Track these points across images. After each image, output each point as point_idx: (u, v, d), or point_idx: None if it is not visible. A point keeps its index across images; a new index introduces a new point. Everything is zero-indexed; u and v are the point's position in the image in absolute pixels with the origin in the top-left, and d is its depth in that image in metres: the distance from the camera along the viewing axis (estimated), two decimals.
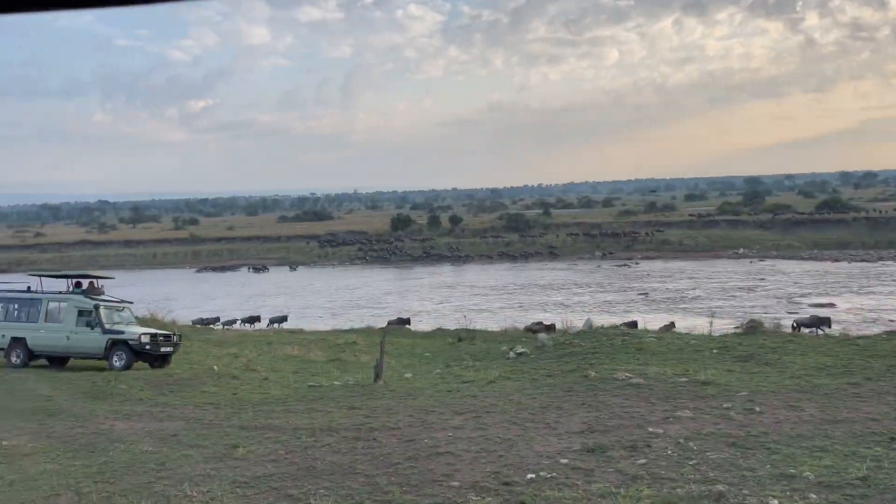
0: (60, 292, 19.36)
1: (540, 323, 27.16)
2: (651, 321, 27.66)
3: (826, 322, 25.04)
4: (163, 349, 18.02)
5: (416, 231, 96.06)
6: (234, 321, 35.63)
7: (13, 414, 11.90)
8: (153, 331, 18.80)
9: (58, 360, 18.50)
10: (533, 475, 7.41)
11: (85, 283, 19.90)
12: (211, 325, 34.03)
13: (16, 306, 18.84)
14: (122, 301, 19.73)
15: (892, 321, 30.24)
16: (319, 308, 46.01)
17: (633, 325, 24.21)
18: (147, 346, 17.66)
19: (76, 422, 11.14)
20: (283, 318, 34.65)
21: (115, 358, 17.61)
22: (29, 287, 20.00)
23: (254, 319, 34.84)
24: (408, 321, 30.92)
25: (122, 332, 17.90)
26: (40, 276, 20.76)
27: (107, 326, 17.95)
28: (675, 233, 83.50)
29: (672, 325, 25.69)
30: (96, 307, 18.16)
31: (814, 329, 23.78)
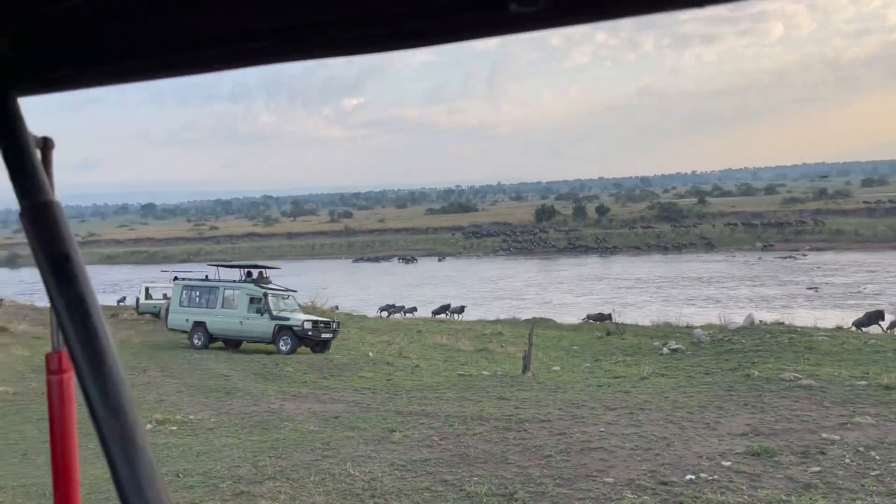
0: (234, 281, 21.13)
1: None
2: (821, 318, 25.47)
3: None
4: (323, 335, 19.16)
5: (560, 222, 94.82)
6: (413, 309, 36.82)
7: (198, 391, 13.19)
8: (314, 318, 20.04)
9: (232, 343, 20.21)
10: (692, 476, 7.12)
11: (255, 272, 21.61)
12: (397, 314, 35.76)
13: (197, 293, 20.81)
14: (287, 289, 21.19)
15: None
16: (463, 298, 46.76)
17: (880, 315, 21.81)
18: (309, 332, 18.86)
19: (251, 400, 12.14)
20: (461, 310, 35.08)
21: (281, 342, 18.97)
22: (207, 276, 22.03)
23: (444, 310, 35.18)
24: (609, 316, 29.10)
25: (288, 319, 19.23)
26: (217, 266, 22.78)
27: (274, 313, 19.37)
28: (849, 222, 76.25)
29: None
30: (265, 295, 19.65)
31: None
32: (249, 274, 21.44)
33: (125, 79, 0.64)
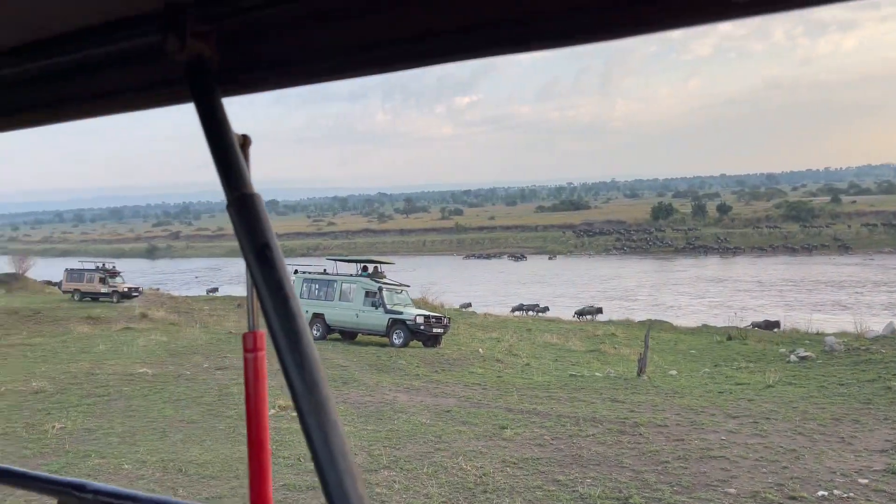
0: (351, 275, 21.86)
1: None
2: None
3: None
4: (435, 330, 19.45)
5: (678, 221, 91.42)
6: (545, 308, 36.48)
7: None
8: (426, 312, 20.38)
9: (348, 335, 20.93)
10: (824, 493, 6.67)
11: (370, 267, 22.27)
12: (530, 312, 35.67)
13: (316, 286, 21.68)
14: (401, 284, 21.68)
15: None
16: (572, 298, 46.09)
17: None
18: (421, 327, 19.20)
19: (366, 391, 12.54)
20: (600, 310, 34.39)
21: (394, 336, 19.44)
22: (325, 270, 22.92)
23: (590, 311, 34.65)
24: (777, 324, 26.43)
25: (401, 313, 19.67)
26: (335, 260, 23.66)
27: (388, 307, 19.87)
28: None
29: None
30: (380, 289, 20.20)
31: None
32: (365, 268, 22.11)
33: (319, 78, 0.70)
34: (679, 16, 0.52)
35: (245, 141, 0.66)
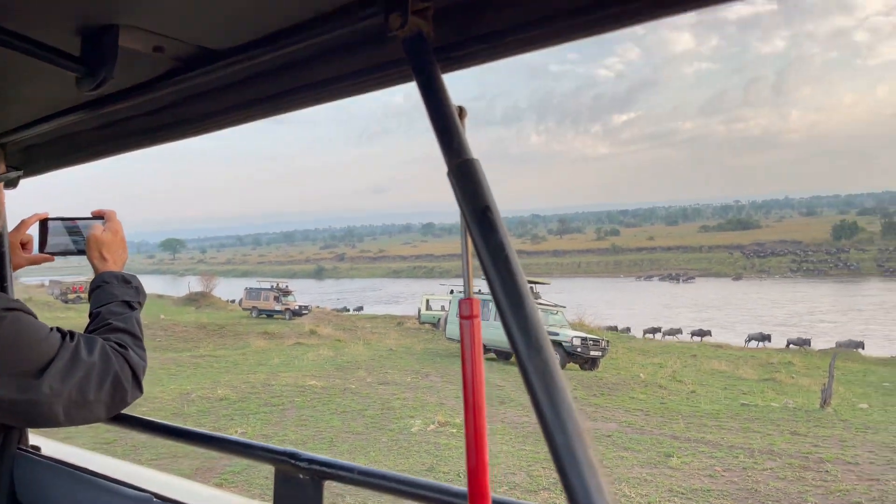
0: None
1: None
2: None
3: None
4: (592, 353, 18.97)
5: (865, 240, 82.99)
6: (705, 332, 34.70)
7: None
8: (583, 334, 19.94)
9: (503, 355, 20.95)
10: None
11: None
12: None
13: None
14: (556, 305, 21.44)
15: None
16: (733, 324, 43.07)
17: None
18: (578, 349, 18.80)
19: (522, 411, 12.43)
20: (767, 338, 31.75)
21: None
22: (479, 290, 23.15)
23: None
24: None
25: (557, 334, 19.39)
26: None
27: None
28: None
29: None
30: None
31: None
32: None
33: (531, 47, 0.72)
34: None
35: (461, 112, 0.68)
